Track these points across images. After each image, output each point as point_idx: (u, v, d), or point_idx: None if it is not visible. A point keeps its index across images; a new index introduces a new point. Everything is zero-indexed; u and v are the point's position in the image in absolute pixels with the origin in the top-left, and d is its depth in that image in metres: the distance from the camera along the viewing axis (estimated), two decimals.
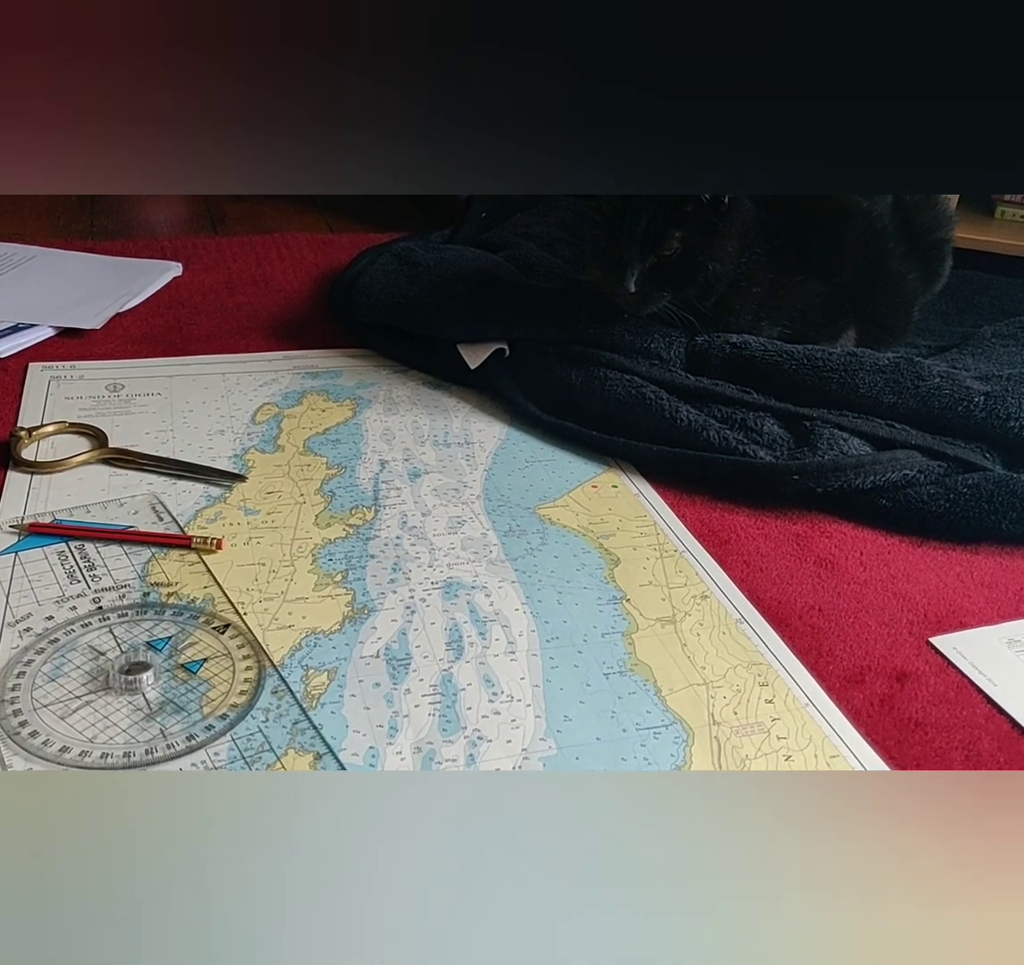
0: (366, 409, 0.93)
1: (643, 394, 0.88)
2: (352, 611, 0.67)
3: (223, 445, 0.85)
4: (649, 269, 0.90)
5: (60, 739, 0.55)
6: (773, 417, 0.88)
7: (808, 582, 0.74)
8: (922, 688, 0.65)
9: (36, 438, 0.84)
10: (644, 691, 0.62)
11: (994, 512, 0.79)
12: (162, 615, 0.65)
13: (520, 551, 0.74)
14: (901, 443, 0.84)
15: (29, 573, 0.68)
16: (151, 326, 1.07)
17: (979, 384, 0.88)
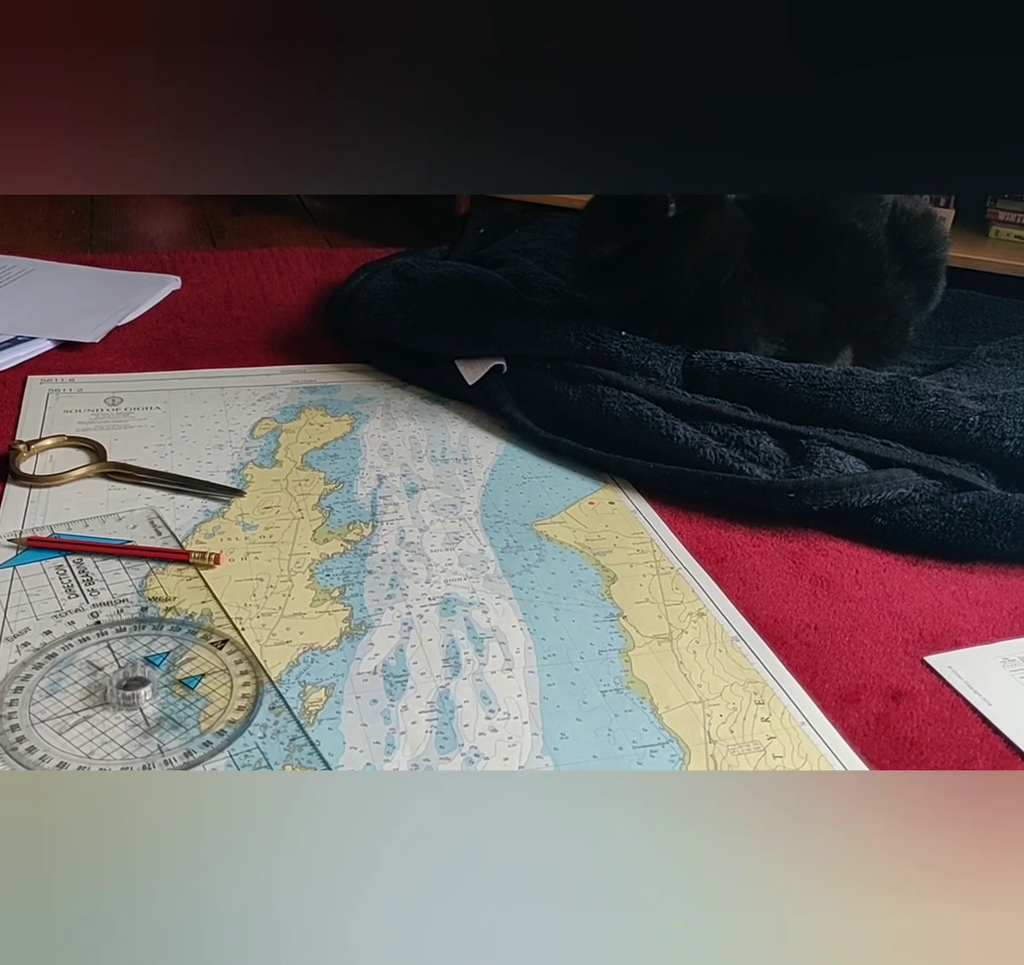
0: (364, 424, 0.93)
1: (640, 411, 0.89)
2: (350, 627, 0.67)
3: (221, 459, 0.85)
4: (599, 263, 0.96)
5: (57, 754, 0.55)
6: (769, 435, 0.88)
7: (804, 600, 0.74)
8: (917, 707, 0.65)
9: (35, 451, 0.84)
10: (640, 709, 0.62)
11: (989, 531, 0.79)
12: (160, 630, 0.65)
13: (517, 567, 0.74)
14: (897, 462, 0.84)
15: (27, 587, 0.68)
16: (150, 340, 1.08)
17: (974, 403, 0.89)
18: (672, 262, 0.93)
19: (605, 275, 0.97)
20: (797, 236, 1.00)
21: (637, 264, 0.94)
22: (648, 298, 0.96)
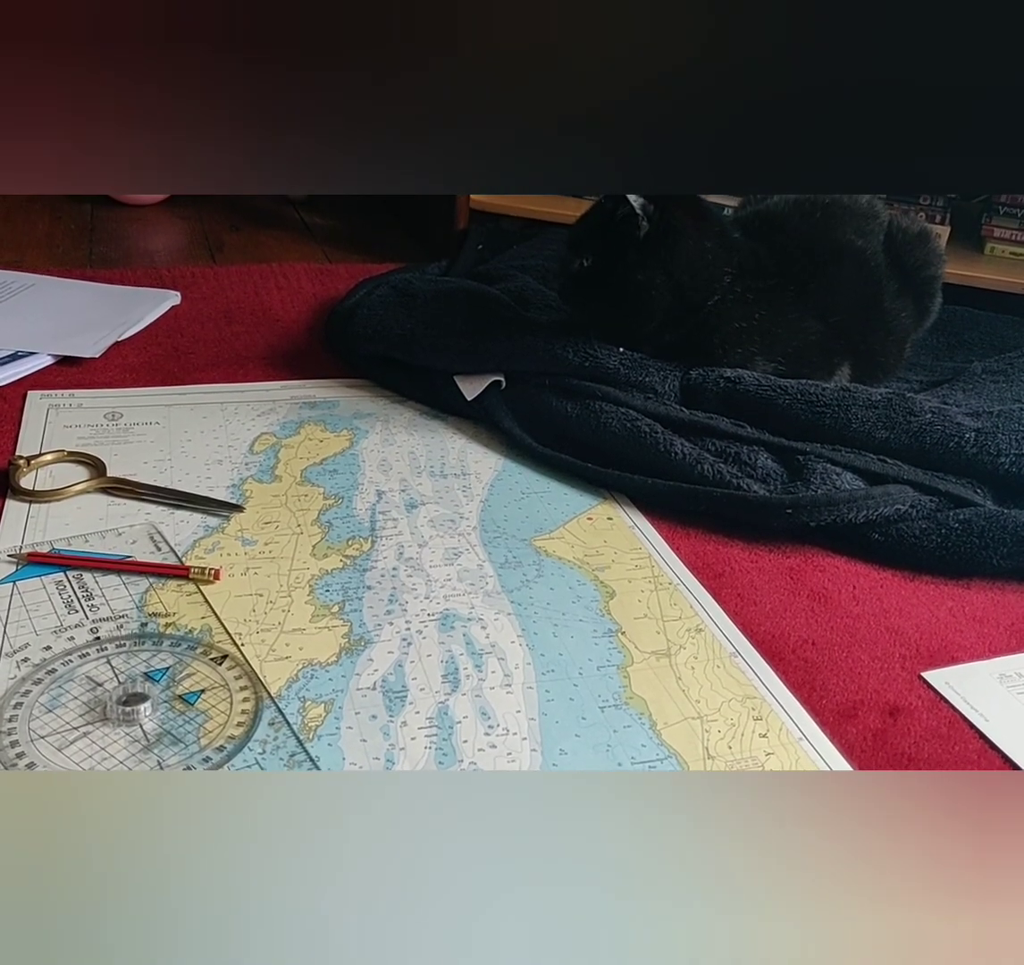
0: (363, 439, 0.94)
1: (638, 427, 0.89)
2: (349, 643, 0.67)
3: (221, 475, 0.86)
4: (576, 276, 0.98)
5: (57, 770, 0.55)
6: (767, 451, 0.89)
7: (801, 616, 0.75)
8: (914, 723, 0.65)
9: (34, 467, 0.84)
10: (639, 725, 0.62)
11: (985, 547, 0.79)
12: (160, 646, 0.65)
13: (516, 583, 0.75)
14: (893, 478, 0.85)
15: (27, 603, 0.68)
16: (150, 355, 1.08)
17: (970, 420, 0.89)
18: (642, 280, 0.94)
19: (580, 288, 0.98)
20: (796, 255, 1.00)
21: (607, 280, 0.95)
22: (621, 314, 0.96)
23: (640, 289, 0.94)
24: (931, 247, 1.09)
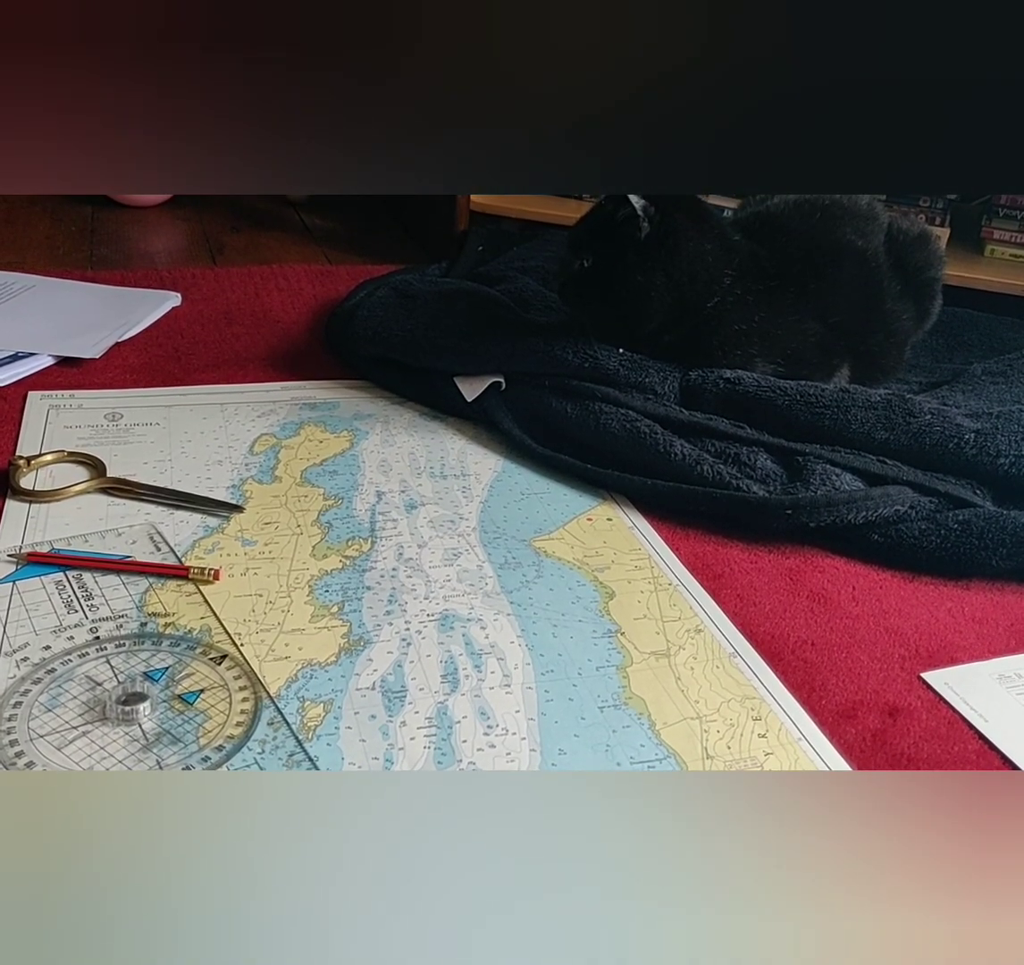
0: (363, 440, 0.94)
1: (637, 428, 0.89)
2: (348, 643, 0.67)
3: (221, 475, 0.86)
4: (576, 276, 0.98)
5: (56, 770, 0.55)
6: (766, 452, 0.89)
7: (801, 616, 0.75)
8: (914, 723, 0.65)
9: (35, 467, 0.84)
10: (638, 725, 0.62)
11: (984, 548, 0.79)
12: (159, 645, 0.65)
13: (515, 584, 0.75)
14: (893, 479, 0.85)
15: (27, 602, 0.68)
16: (150, 356, 1.08)
17: (969, 421, 0.89)
18: (642, 282, 0.94)
19: (579, 289, 0.98)
20: (796, 256, 1.00)
21: (607, 281, 0.95)
22: (621, 315, 0.96)
23: (640, 290, 0.94)
24: (931, 249, 1.09)
